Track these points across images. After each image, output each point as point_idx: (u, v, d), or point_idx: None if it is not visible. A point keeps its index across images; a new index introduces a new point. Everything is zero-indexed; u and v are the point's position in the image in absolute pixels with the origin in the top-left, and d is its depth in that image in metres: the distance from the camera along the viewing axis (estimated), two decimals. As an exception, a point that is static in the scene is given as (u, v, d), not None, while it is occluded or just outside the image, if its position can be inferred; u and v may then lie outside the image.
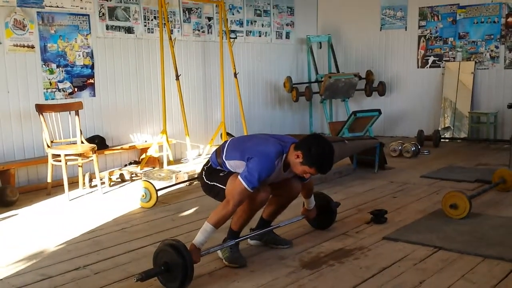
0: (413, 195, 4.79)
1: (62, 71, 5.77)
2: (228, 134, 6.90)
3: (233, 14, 7.67)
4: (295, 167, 3.01)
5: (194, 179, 5.40)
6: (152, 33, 6.59)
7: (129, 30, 6.37)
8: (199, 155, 7.17)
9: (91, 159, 5.21)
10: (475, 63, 7.82)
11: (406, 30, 8.45)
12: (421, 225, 3.84)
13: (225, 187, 3.08)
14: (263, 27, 8.21)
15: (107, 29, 6.16)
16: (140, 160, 6.36)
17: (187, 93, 6.95)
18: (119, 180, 5.74)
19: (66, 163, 4.99)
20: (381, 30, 8.70)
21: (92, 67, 6.04)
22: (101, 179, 5.35)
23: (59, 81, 5.76)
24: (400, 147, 6.77)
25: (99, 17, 6.07)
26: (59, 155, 5.00)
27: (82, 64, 5.95)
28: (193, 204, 4.73)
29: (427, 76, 8.33)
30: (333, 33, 9.00)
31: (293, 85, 8.23)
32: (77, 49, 5.89)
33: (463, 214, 3.88)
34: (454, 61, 8.04)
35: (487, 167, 5.88)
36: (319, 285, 2.85)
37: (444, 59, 8.14)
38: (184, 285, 2.74)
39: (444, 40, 8.12)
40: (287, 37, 8.70)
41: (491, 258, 3.13)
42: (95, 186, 5.30)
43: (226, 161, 3.12)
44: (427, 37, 8.26)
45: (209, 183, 3.20)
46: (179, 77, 6.33)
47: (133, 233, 3.87)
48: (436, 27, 8.16)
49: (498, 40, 7.62)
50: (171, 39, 6.25)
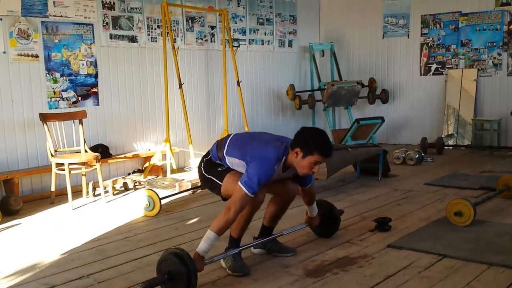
0: (417, 203, 4.78)
1: (66, 80, 5.80)
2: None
3: (236, 22, 7.71)
4: (300, 166, 2.98)
5: (197, 187, 5.40)
6: (155, 42, 6.62)
7: (132, 39, 6.40)
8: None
9: (94, 167, 5.22)
10: (478, 70, 7.83)
11: (408, 37, 8.47)
12: (425, 232, 3.83)
13: (221, 183, 3.12)
14: (265, 35, 8.24)
15: (111, 38, 6.19)
16: (143, 168, 6.36)
17: (190, 101, 6.96)
18: (123, 188, 5.75)
19: (69, 172, 5.00)
20: (383, 38, 8.72)
21: (95, 76, 6.07)
22: (105, 188, 5.35)
23: (63, 90, 5.79)
24: (403, 155, 6.76)
25: (103, 26, 6.10)
26: (63, 164, 5.01)
27: (86, 73, 5.97)
28: (197, 212, 4.73)
29: (430, 83, 8.33)
30: (335, 41, 9.02)
31: (296, 93, 8.24)
32: (81, 58, 5.92)
33: (467, 221, 3.87)
34: (456, 69, 8.05)
35: (491, 174, 5.86)
36: (324, 294, 2.84)
37: (446, 66, 8.15)
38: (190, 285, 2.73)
39: (446, 47, 8.13)
40: (290, 45, 8.73)
41: (496, 265, 3.12)
42: (99, 195, 5.30)
43: (226, 157, 3.13)
44: (430, 45, 8.27)
45: (207, 176, 3.22)
46: (182, 86, 6.35)
47: (136, 242, 3.87)
48: (438, 35, 8.17)
49: (500, 47, 7.62)
50: (174, 47, 6.28)
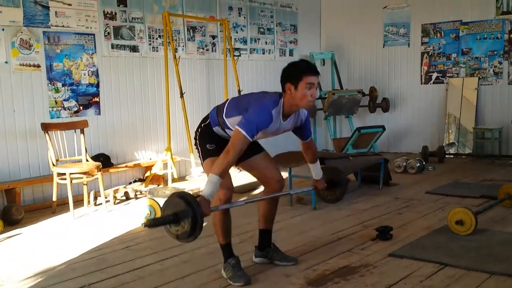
0: (419, 212, 4.77)
1: (67, 89, 5.82)
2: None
3: (237, 32, 7.74)
4: (298, 98, 2.97)
5: (198, 196, 5.39)
6: (156, 51, 6.65)
7: (134, 48, 6.43)
8: (204, 172, 7.16)
9: (96, 177, 5.22)
10: (479, 79, 7.84)
11: (409, 46, 8.50)
12: (427, 241, 3.82)
13: (202, 161, 3.20)
14: (266, 44, 8.27)
15: (112, 48, 6.22)
16: (144, 177, 6.37)
17: (191, 110, 6.98)
18: (124, 198, 5.75)
19: (71, 182, 5.00)
20: (384, 46, 8.75)
21: (97, 86, 6.09)
22: (106, 197, 5.36)
23: (64, 100, 5.81)
24: (404, 163, 6.75)
25: (105, 36, 6.13)
26: (64, 174, 5.02)
27: (87, 82, 6.00)
28: (198, 221, 4.72)
29: (430, 92, 8.35)
30: (336, 50, 9.05)
31: (297, 102, 8.24)
32: (83, 68, 5.95)
33: (469, 230, 3.86)
34: (457, 77, 8.06)
35: (492, 183, 5.85)
36: (325, 303, 2.83)
37: (447, 75, 8.16)
38: (194, 233, 2.71)
39: (447, 56, 8.15)
40: (291, 54, 8.76)
41: (498, 274, 3.11)
42: (100, 204, 5.31)
43: (226, 119, 3.14)
44: (430, 54, 8.30)
45: (197, 143, 3.27)
46: (184, 95, 6.37)
47: (138, 251, 3.87)
48: (439, 44, 8.20)
49: (501, 56, 7.64)
50: (175, 57, 6.31)
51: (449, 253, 3.51)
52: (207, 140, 3.21)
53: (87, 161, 5.35)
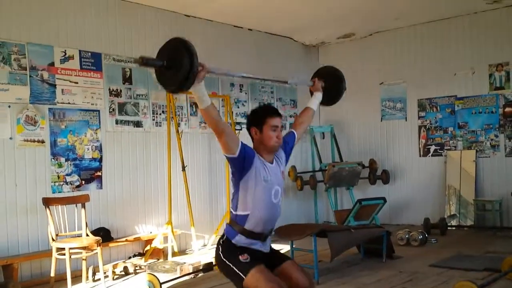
0: (423, 285, 4.68)
1: (70, 164, 5.90)
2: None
3: (238, 107, 7.95)
4: (264, 140, 3.00)
5: (199, 271, 5.32)
6: (160, 126, 6.79)
7: (137, 124, 6.58)
8: (204, 246, 7.10)
9: (95, 252, 5.17)
10: (476, 151, 7.94)
11: (406, 120, 8.67)
12: (432, 317, 3.72)
13: (244, 277, 2.84)
14: (266, 119, 8.43)
15: (117, 123, 6.37)
16: (144, 252, 6.29)
17: (192, 183, 7.02)
18: (123, 273, 5.65)
19: (70, 257, 4.95)
20: (382, 120, 8.94)
21: (100, 160, 6.17)
22: (105, 273, 5.27)
23: (67, 175, 5.87)
24: (407, 236, 6.70)
25: (109, 112, 6.30)
26: (63, 248, 4.98)
27: (90, 157, 6.08)
28: (198, 297, 4.62)
29: (429, 164, 8.43)
30: (335, 123, 9.24)
31: (298, 174, 8.31)
32: (86, 143, 6.06)
33: (475, 305, 3.77)
34: (455, 150, 8.17)
35: (495, 255, 5.78)
36: None
37: (445, 147, 8.28)
38: (183, 86, 2.67)
39: (444, 129, 8.30)
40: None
41: None
42: (99, 279, 5.21)
43: (236, 212, 3.01)
44: (427, 127, 8.46)
45: (225, 260, 2.97)
46: (185, 168, 6.44)
47: (136, 329, 3.76)
48: (435, 118, 8.38)
49: (497, 129, 7.78)
50: (178, 131, 6.44)
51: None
52: (234, 254, 2.96)
53: (87, 235, 5.31)
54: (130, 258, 6.26)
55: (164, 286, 4.61)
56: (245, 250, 2.97)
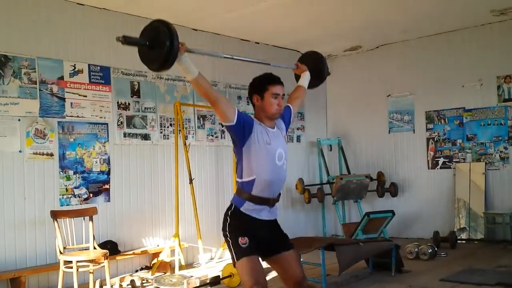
0: (433, 300, 4.62)
1: (78, 177, 5.92)
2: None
3: (245, 120, 7.94)
4: (266, 107, 3.12)
5: (205, 284, 5.29)
6: (167, 139, 6.81)
7: (145, 137, 6.61)
8: (212, 259, 7.07)
9: (102, 265, 5.16)
10: (485, 164, 7.88)
11: (414, 132, 8.64)
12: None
13: (236, 261, 2.96)
14: (274, 131, 8.44)
15: (125, 136, 6.40)
16: (151, 265, 6.28)
17: (200, 196, 7.02)
18: (130, 286, 5.63)
19: (77, 270, 4.94)
20: (389, 133, 8.91)
21: (108, 173, 6.19)
22: (112, 286, 5.26)
23: (75, 187, 5.89)
24: (416, 249, 6.64)
25: (117, 125, 6.33)
26: (71, 262, 4.97)
27: (98, 170, 6.10)
28: (206, 311, 4.59)
29: (438, 177, 8.37)
30: (342, 136, 9.22)
31: (305, 187, 8.29)
32: (95, 156, 6.08)
33: (486, 320, 3.72)
34: (464, 162, 8.11)
35: (507, 269, 5.71)
36: None
37: (454, 160, 8.22)
38: (166, 63, 2.80)
39: (452, 141, 8.26)
40: (298, 140, 8.92)
41: None
42: (106, 293, 5.20)
43: (242, 180, 3.07)
44: (436, 139, 8.42)
45: (228, 236, 3.05)
46: (193, 181, 6.44)
47: None
48: (443, 130, 8.34)
49: (506, 141, 7.73)
50: (185, 144, 6.46)
51: None
52: (238, 231, 3.02)
53: (95, 248, 5.31)
54: (137, 271, 6.25)
55: (171, 300, 4.58)
56: (250, 225, 3.02)
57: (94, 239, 5.35)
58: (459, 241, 7.53)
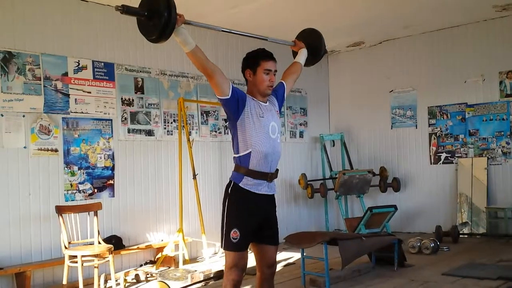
0: (435, 294, 4.66)
1: (83, 173, 5.96)
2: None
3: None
4: (258, 83, 3.17)
5: (209, 279, 5.34)
6: (171, 135, 6.85)
7: (149, 132, 6.64)
8: (215, 253, 7.12)
9: (107, 259, 5.20)
10: (488, 159, 7.90)
11: (416, 128, 8.66)
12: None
13: (224, 249, 3.14)
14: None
15: (129, 132, 6.43)
16: (155, 259, 6.33)
17: (203, 191, 7.06)
18: (134, 281, 5.69)
19: (82, 264, 4.99)
20: (392, 128, 8.93)
21: (112, 169, 6.23)
22: (116, 280, 5.30)
23: (79, 183, 5.93)
24: (419, 244, 6.67)
25: (122, 121, 6.36)
26: (75, 256, 5.02)
27: (103, 166, 6.15)
28: (210, 305, 4.64)
29: (441, 172, 8.40)
30: (345, 131, 9.25)
31: (308, 182, 8.32)
32: (99, 151, 6.12)
33: (488, 313, 3.75)
34: (466, 157, 8.13)
35: (509, 263, 5.74)
36: None
37: (456, 155, 8.24)
38: (164, 33, 2.90)
39: (455, 137, 8.27)
40: (301, 136, 8.95)
41: None
42: (110, 287, 5.25)
43: (238, 155, 3.15)
44: (438, 135, 8.44)
45: (224, 217, 3.21)
46: (196, 176, 6.48)
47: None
48: (446, 125, 8.36)
49: (508, 136, 7.75)
50: (189, 140, 6.49)
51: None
52: (234, 214, 3.15)
53: (99, 243, 5.36)
54: (141, 265, 6.30)
55: (176, 294, 4.63)
56: (247, 204, 3.11)
57: (98, 234, 5.39)
58: (461, 236, 7.56)
